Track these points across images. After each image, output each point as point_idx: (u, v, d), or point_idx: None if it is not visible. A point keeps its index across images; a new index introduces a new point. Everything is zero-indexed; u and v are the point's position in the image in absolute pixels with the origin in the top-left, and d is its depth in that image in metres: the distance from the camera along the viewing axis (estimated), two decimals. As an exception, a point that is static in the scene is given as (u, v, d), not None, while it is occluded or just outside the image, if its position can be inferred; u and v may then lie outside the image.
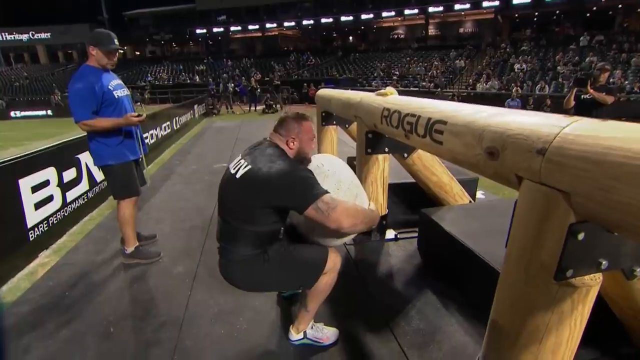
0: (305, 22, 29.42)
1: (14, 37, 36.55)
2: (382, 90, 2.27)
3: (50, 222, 2.98)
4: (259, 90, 16.42)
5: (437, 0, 24.72)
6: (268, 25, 30.56)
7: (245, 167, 1.44)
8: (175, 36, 34.62)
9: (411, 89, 18.01)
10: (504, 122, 1.10)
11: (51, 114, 18.28)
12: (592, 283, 0.95)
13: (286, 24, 30.02)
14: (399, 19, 27.52)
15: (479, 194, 3.54)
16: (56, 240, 3.02)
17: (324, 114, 4.09)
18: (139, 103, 18.33)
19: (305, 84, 19.13)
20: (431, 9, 25.07)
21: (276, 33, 32.07)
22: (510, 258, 1.05)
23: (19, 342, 1.82)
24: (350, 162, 3.68)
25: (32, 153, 2.88)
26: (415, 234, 2.62)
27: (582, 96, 4.37)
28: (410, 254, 2.59)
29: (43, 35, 36.30)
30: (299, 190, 1.35)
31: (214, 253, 2.62)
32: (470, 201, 2.91)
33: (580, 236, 0.88)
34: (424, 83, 18.54)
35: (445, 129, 1.36)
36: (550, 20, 23.21)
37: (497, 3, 22.67)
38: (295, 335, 1.71)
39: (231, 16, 31.48)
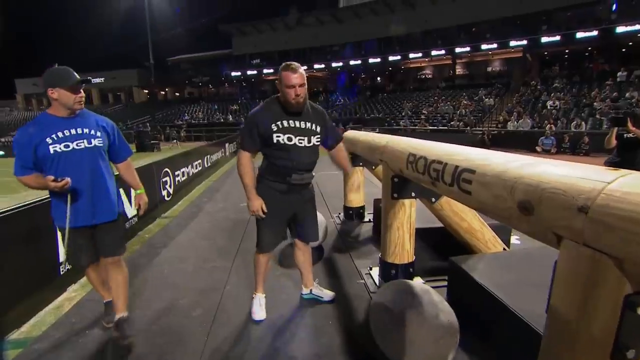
0: (334, 65, 30.73)
1: (75, 82, 41.69)
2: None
3: (81, 257, 3.06)
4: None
5: (464, 41, 25.15)
6: (299, 68, 32.15)
7: None
8: (212, 78, 37.22)
9: (440, 127, 17.93)
10: (538, 173, 1.02)
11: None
12: (662, 367, 0.80)
13: (316, 66, 31.48)
14: (426, 59, 28.10)
15: (514, 240, 3.31)
16: (84, 275, 3.08)
17: (350, 156, 4.09)
18: (175, 141, 19.43)
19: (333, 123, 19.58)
20: (458, 50, 25.46)
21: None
22: (553, 328, 0.92)
23: (35, 382, 1.81)
24: (377, 204, 3.60)
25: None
26: (445, 283, 2.45)
27: (624, 135, 4.12)
28: (439, 305, 2.39)
29: (97, 80, 40.64)
30: (240, 133, 2.18)
31: (234, 296, 2.57)
32: (504, 248, 2.71)
33: (640, 310, 0.76)
34: (452, 122, 18.41)
35: (474, 179, 1.28)
36: (582, 57, 22.77)
37: (524, 42, 22.68)
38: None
39: (264, 60, 33.55)
